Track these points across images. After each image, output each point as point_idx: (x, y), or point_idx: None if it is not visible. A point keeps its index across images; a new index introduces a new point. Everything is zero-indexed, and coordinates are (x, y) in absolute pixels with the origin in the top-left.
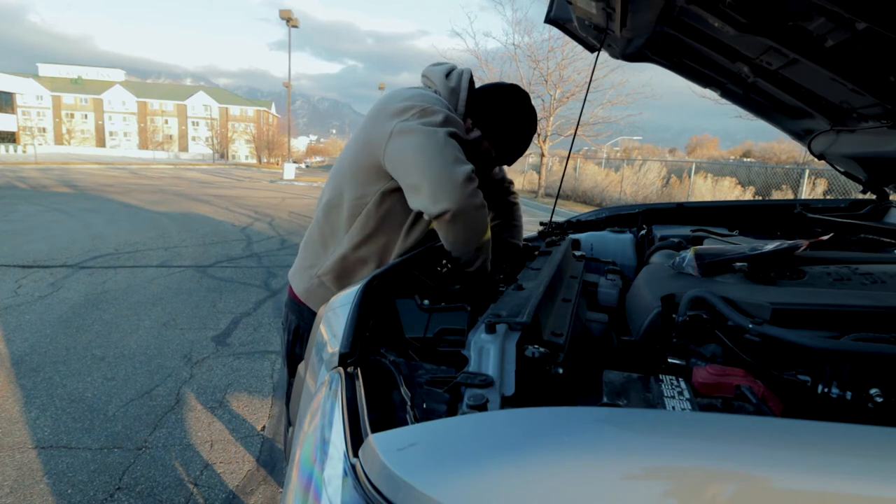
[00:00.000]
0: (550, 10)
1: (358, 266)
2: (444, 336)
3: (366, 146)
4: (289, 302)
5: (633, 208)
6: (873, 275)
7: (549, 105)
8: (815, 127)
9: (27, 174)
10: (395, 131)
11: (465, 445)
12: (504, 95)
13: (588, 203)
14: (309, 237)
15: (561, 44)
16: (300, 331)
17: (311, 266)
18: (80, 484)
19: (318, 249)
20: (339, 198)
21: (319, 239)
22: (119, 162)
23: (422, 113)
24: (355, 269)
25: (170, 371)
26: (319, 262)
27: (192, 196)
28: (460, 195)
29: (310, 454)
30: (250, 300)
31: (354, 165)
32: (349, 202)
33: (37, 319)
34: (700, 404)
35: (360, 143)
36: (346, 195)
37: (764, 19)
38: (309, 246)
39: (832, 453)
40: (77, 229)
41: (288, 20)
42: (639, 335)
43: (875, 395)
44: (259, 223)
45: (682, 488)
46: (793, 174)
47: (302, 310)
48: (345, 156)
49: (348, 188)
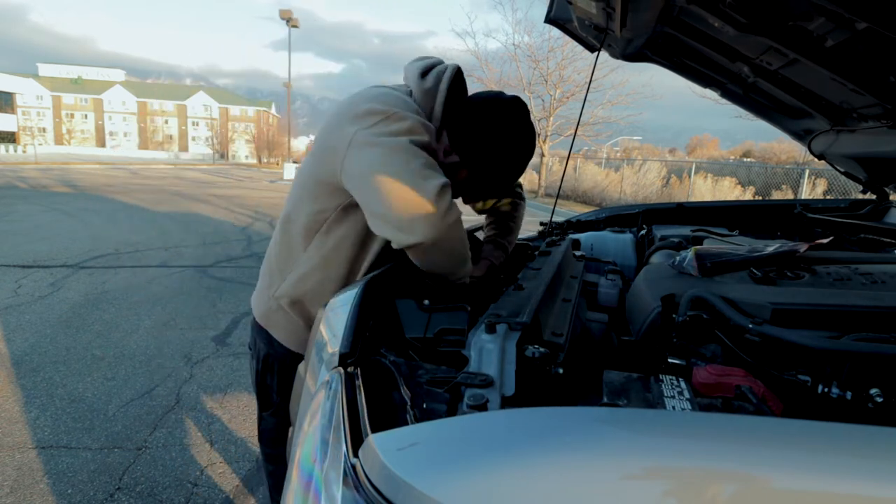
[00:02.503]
0: (550, 10)
1: (318, 288)
2: (444, 336)
3: (323, 155)
4: (255, 326)
5: (633, 208)
6: (873, 275)
7: (549, 105)
8: (815, 127)
9: (27, 174)
10: (353, 141)
11: (465, 445)
12: (497, 115)
13: (588, 203)
14: (267, 256)
15: (561, 44)
16: (270, 360)
17: (268, 286)
18: (80, 484)
19: (275, 270)
20: (296, 213)
21: (276, 258)
22: (119, 162)
23: (385, 119)
24: (315, 291)
25: (170, 371)
26: (276, 282)
27: (193, 196)
28: (432, 223)
29: (310, 454)
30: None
31: (313, 176)
32: (306, 217)
33: (37, 319)
34: (700, 404)
35: (319, 150)
36: (303, 209)
37: (764, 19)
38: (267, 265)
39: (832, 453)
40: (77, 229)
41: (288, 20)
42: (639, 335)
43: (875, 395)
44: (259, 223)
45: (682, 488)
46: (793, 174)
47: (271, 338)
48: (304, 164)
49: (306, 201)
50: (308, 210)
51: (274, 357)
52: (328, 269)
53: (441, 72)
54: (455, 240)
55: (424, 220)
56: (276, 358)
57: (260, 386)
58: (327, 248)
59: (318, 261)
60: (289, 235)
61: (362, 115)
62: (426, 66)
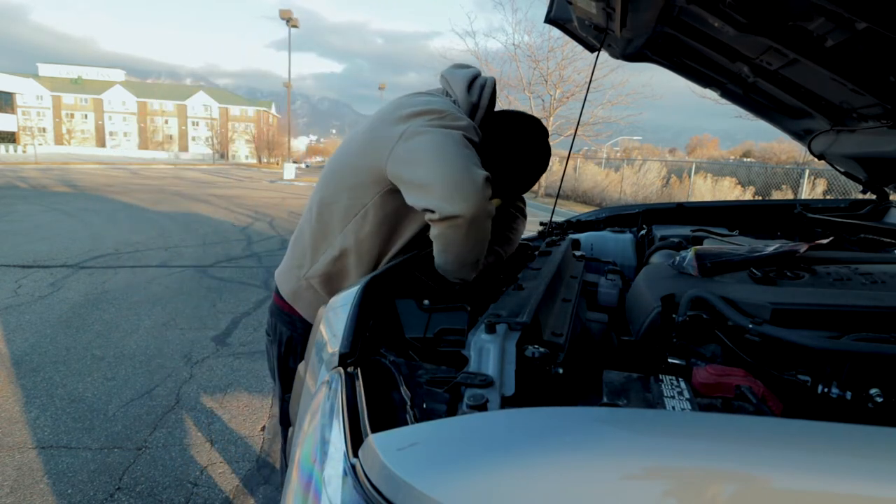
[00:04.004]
0: (550, 10)
1: (349, 269)
2: (444, 336)
3: (368, 148)
4: (276, 310)
5: (633, 208)
6: (873, 275)
7: (549, 105)
8: (815, 127)
9: (27, 174)
10: (406, 133)
11: (465, 445)
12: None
13: (588, 203)
14: (299, 235)
15: (561, 44)
16: (293, 342)
17: (299, 266)
18: (80, 484)
19: (308, 250)
20: (335, 197)
21: (310, 239)
22: (119, 162)
23: (441, 117)
24: (346, 273)
25: (170, 371)
26: (307, 262)
27: (193, 196)
28: (478, 199)
29: (310, 454)
30: (250, 300)
31: (354, 167)
32: (345, 203)
33: (37, 319)
34: (700, 404)
35: (362, 144)
36: (342, 195)
37: (764, 19)
38: (298, 245)
39: (832, 453)
40: (77, 229)
41: (288, 20)
42: (639, 335)
43: (875, 395)
44: (259, 223)
45: (682, 488)
46: (793, 174)
47: (294, 320)
48: (343, 155)
49: (346, 189)
50: (347, 195)
51: (297, 340)
52: (361, 250)
53: (482, 85)
54: (485, 229)
55: (471, 196)
56: (298, 340)
57: (282, 370)
58: (364, 232)
59: (353, 243)
60: (323, 219)
61: (416, 114)
62: (470, 80)
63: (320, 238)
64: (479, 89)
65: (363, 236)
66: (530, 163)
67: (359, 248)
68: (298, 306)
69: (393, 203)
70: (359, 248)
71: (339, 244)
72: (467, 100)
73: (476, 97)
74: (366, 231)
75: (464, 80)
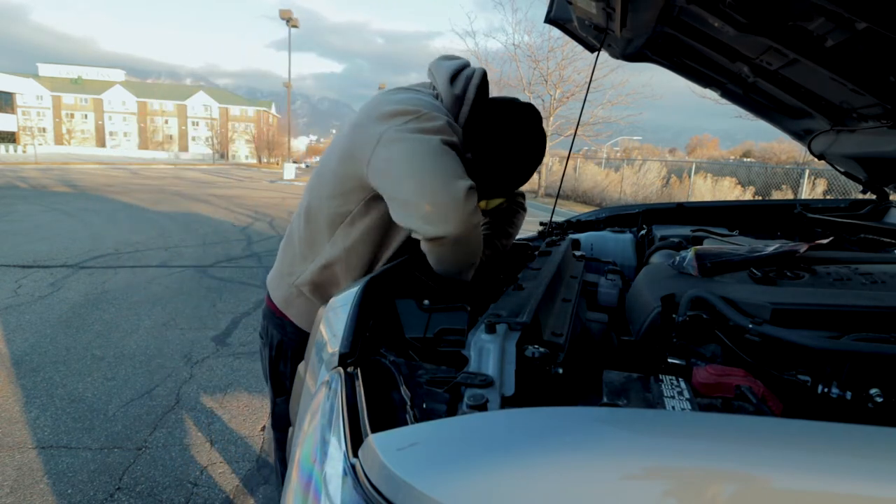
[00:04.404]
0: (550, 10)
1: (338, 278)
2: (444, 336)
3: (348, 152)
4: (268, 313)
5: (633, 208)
6: (873, 275)
7: (549, 105)
8: (815, 127)
9: (27, 174)
10: (382, 139)
11: (465, 445)
12: (512, 120)
13: (588, 203)
14: (288, 240)
15: (561, 44)
16: (284, 347)
17: (289, 273)
18: (80, 484)
19: (297, 257)
20: (321, 203)
21: (299, 245)
22: (119, 162)
23: (417, 118)
24: (336, 281)
25: (170, 371)
26: (297, 270)
27: (192, 196)
28: (460, 218)
29: (310, 454)
30: (250, 300)
31: (336, 172)
32: (330, 210)
33: (37, 319)
34: (700, 404)
35: (344, 148)
36: (327, 202)
37: (764, 19)
38: (288, 250)
39: (832, 453)
40: (77, 229)
41: (288, 20)
42: (639, 335)
43: (875, 395)
44: (259, 223)
45: (682, 488)
46: (793, 174)
47: (284, 324)
48: (327, 159)
49: (329, 195)
50: (331, 203)
51: (287, 344)
52: (351, 258)
53: (469, 77)
54: (474, 242)
55: (452, 216)
56: (289, 345)
57: (273, 373)
58: (352, 239)
59: (342, 251)
60: (311, 226)
61: (392, 114)
62: (455, 71)
63: (309, 245)
64: (465, 81)
65: (351, 244)
66: (524, 154)
67: (347, 257)
68: (290, 313)
69: (379, 209)
70: (347, 256)
71: (326, 253)
72: (450, 92)
73: (461, 89)
74: (353, 238)
75: (447, 71)
